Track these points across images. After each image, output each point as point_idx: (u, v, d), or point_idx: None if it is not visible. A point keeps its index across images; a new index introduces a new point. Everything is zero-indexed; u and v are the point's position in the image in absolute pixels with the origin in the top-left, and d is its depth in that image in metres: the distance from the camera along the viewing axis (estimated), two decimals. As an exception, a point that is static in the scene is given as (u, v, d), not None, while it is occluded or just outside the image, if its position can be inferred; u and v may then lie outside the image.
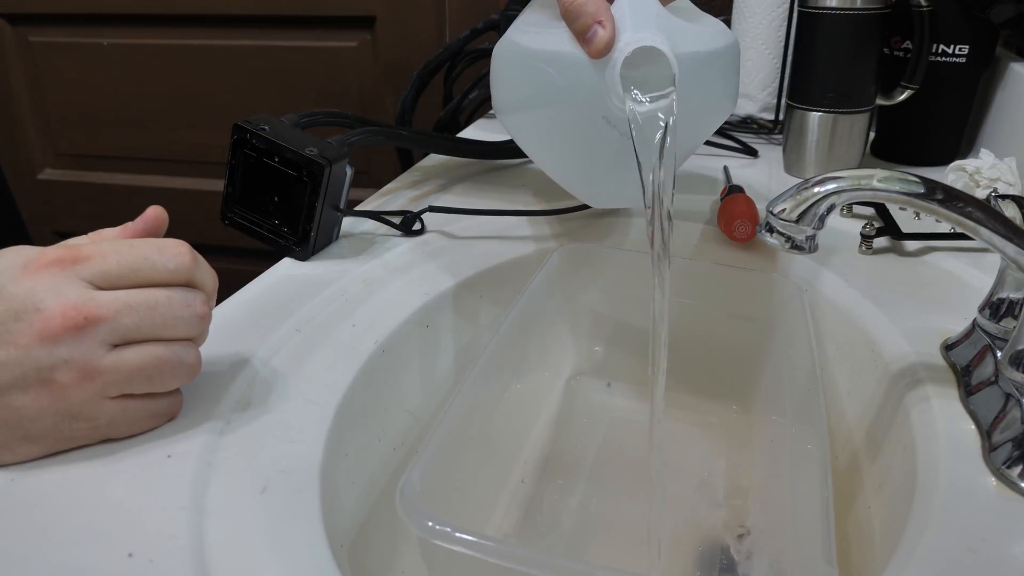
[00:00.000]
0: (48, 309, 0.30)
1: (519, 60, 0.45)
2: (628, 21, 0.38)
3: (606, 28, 0.38)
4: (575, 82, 0.41)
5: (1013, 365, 0.34)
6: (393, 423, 0.45)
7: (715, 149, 0.76)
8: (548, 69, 0.43)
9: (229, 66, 1.17)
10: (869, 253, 0.53)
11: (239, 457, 0.34)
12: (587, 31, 0.38)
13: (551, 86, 0.43)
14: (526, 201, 0.63)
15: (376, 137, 0.58)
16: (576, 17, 0.39)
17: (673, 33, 0.39)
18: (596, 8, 0.38)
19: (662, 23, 0.39)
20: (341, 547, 0.34)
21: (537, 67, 0.44)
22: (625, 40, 0.37)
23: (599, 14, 0.38)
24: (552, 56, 0.42)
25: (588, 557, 0.43)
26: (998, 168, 0.57)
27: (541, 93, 0.45)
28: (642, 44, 0.37)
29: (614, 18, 0.38)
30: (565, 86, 0.42)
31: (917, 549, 0.30)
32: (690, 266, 0.53)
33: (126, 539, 0.29)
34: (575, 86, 0.41)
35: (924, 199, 0.32)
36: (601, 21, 0.38)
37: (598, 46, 0.38)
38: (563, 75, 0.42)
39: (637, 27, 0.38)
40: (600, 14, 0.38)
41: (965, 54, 0.67)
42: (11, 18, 1.23)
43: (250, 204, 0.52)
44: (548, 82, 0.43)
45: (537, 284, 0.48)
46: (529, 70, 0.44)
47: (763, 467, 0.48)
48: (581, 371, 0.57)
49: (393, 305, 0.47)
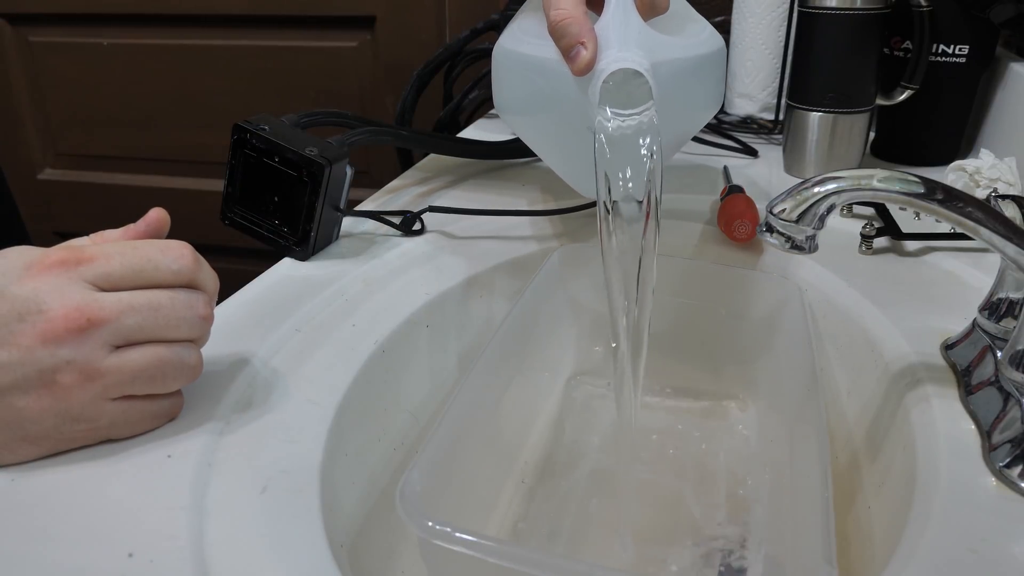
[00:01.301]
0: (51, 310, 0.30)
1: (515, 66, 0.48)
2: (612, 40, 0.40)
3: (588, 49, 0.39)
4: (563, 93, 0.43)
5: (1013, 365, 0.34)
6: (393, 423, 0.45)
7: (715, 149, 0.76)
8: (538, 79, 0.45)
9: (229, 66, 1.17)
10: (869, 253, 0.53)
11: (239, 457, 0.34)
12: (571, 50, 0.40)
13: (543, 94, 0.46)
14: (526, 201, 0.63)
15: (376, 137, 0.58)
16: (561, 36, 0.40)
17: (655, 48, 0.41)
18: (580, 28, 0.39)
19: (643, 40, 0.41)
20: (341, 547, 0.34)
21: (530, 75, 0.46)
22: (607, 60, 0.39)
23: (582, 35, 0.39)
24: (542, 67, 0.44)
25: (588, 557, 0.43)
26: (998, 168, 0.57)
27: (535, 98, 0.48)
28: (621, 66, 0.38)
29: (597, 37, 0.40)
30: (554, 95, 0.45)
31: (917, 549, 0.30)
32: (690, 266, 0.53)
33: (126, 539, 0.29)
34: (563, 96, 0.43)
35: (924, 199, 0.32)
36: (583, 42, 0.39)
37: (580, 65, 0.39)
38: (552, 86, 0.44)
39: (619, 46, 0.39)
40: (583, 35, 0.39)
41: (965, 54, 0.67)
42: (11, 18, 1.23)
43: (250, 204, 0.52)
44: (540, 90, 0.46)
45: (537, 284, 0.48)
46: (524, 77, 0.47)
47: (763, 467, 0.48)
48: (581, 371, 0.57)
49: (393, 305, 0.47)
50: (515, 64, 0.48)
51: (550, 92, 0.45)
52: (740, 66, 0.78)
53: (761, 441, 0.50)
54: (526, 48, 0.46)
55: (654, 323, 0.37)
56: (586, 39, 0.39)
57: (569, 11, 0.40)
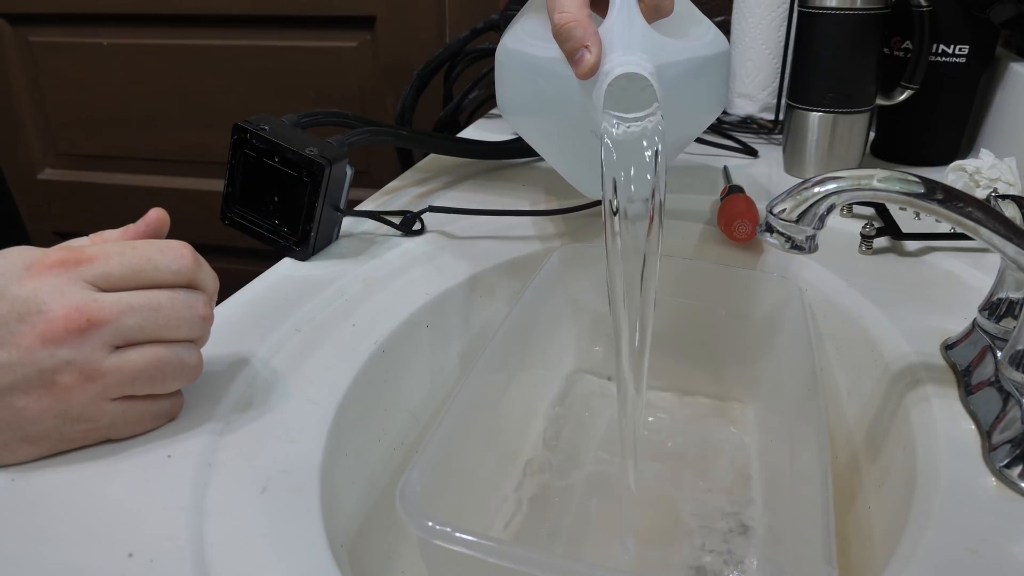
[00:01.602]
0: (51, 311, 0.30)
1: (518, 68, 0.48)
2: (616, 43, 0.40)
3: (592, 52, 0.39)
4: (567, 96, 0.43)
5: (1013, 365, 0.34)
6: (393, 423, 0.45)
7: (715, 149, 0.76)
8: (542, 81, 0.45)
9: (229, 66, 1.17)
10: (869, 253, 0.53)
11: (239, 457, 0.34)
12: (575, 53, 0.39)
13: (546, 96, 0.46)
14: (526, 201, 0.63)
15: (376, 137, 0.58)
16: (566, 39, 0.40)
17: (659, 51, 0.41)
18: (584, 32, 0.39)
19: (647, 43, 0.41)
20: (341, 547, 0.34)
21: (533, 77, 0.46)
22: (611, 63, 0.39)
23: (586, 38, 0.39)
24: (546, 69, 0.44)
25: (588, 557, 0.43)
26: (998, 168, 0.57)
27: (538, 100, 0.48)
28: (626, 70, 0.38)
29: (601, 40, 0.39)
30: (558, 98, 0.45)
31: (917, 549, 0.30)
32: (690, 266, 0.53)
33: (126, 539, 0.29)
34: (567, 99, 0.43)
35: (924, 199, 0.32)
36: (587, 45, 0.39)
37: (584, 69, 0.39)
38: (555, 88, 0.44)
39: (624, 50, 0.39)
40: (587, 38, 0.39)
41: (965, 54, 0.67)
42: (11, 18, 1.23)
43: (250, 204, 0.52)
44: (543, 92, 0.46)
45: (537, 284, 0.48)
46: (527, 78, 0.47)
47: (763, 467, 0.48)
48: (581, 370, 0.57)
49: (393, 305, 0.47)
50: (518, 65, 0.47)
51: (553, 94, 0.45)
52: (740, 66, 0.78)
53: (761, 441, 0.50)
54: (530, 49, 0.46)
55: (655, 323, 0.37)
56: (590, 42, 0.39)
57: (573, 14, 0.40)
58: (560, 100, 0.45)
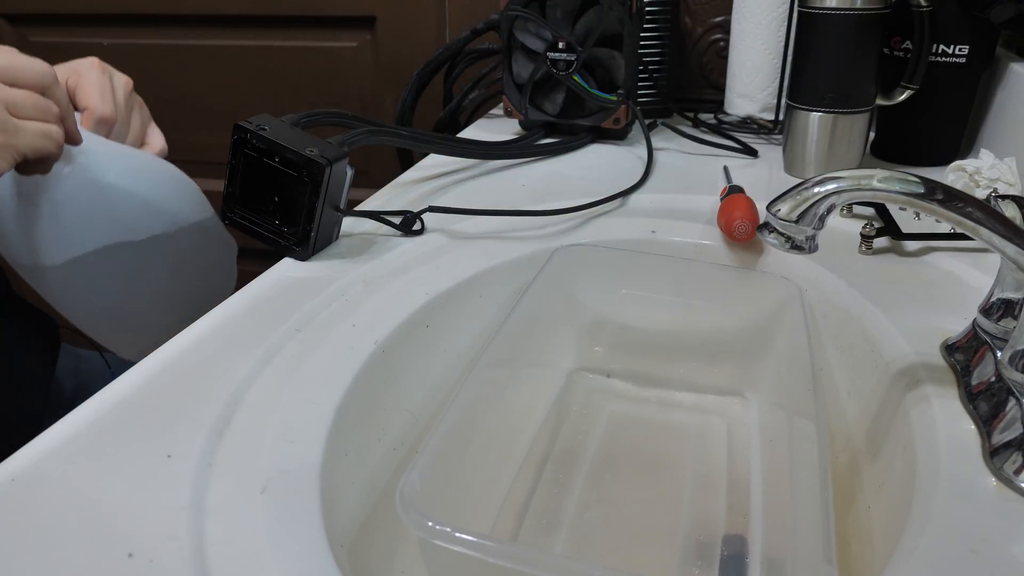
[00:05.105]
0: None
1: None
2: None
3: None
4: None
5: (1013, 365, 0.34)
6: (393, 423, 0.45)
7: (715, 149, 0.76)
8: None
9: (229, 66, 1.17)
10: (869, 253, 0.53)
11: (239, 457, 0.34)
12: None
13: None
14: (526, 201, 0.63)
15: (376, 137, 0.58)
16: None
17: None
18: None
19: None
20: (341, 547, 0.34)
21: None
22: None
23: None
24: None
25: (588, 556, 0.43)
26: (998, 168, 0.57)
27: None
28: None
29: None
30: None
31: (917, 549, 0.30)
32: (690, 266, 0.53)
33: (126, 539, 0.29)
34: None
35: (924, 199, 0.32)
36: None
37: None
38: None
39: None
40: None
41: (965, 54, 0.67)
42: (11, 18, 1.23)
43: (250, 204, 0.52)
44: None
45: (537, 284, 0.48)
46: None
47: (763, 467, 0.48)
48: (581, 369, 0.57)
49: (393, 305, 0.47)
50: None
51: None
52: (740, 66, 0.78)
53: (761, 441, 0.50)
54: None
55: (655, 323, 0.37)
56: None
57: None
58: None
